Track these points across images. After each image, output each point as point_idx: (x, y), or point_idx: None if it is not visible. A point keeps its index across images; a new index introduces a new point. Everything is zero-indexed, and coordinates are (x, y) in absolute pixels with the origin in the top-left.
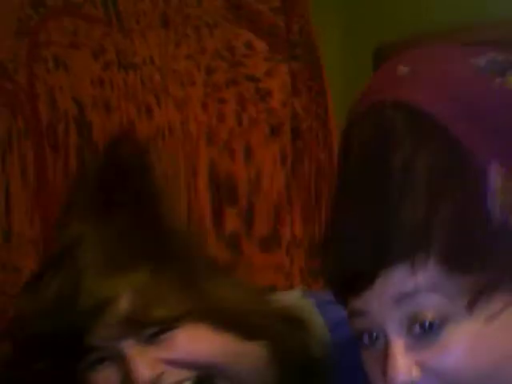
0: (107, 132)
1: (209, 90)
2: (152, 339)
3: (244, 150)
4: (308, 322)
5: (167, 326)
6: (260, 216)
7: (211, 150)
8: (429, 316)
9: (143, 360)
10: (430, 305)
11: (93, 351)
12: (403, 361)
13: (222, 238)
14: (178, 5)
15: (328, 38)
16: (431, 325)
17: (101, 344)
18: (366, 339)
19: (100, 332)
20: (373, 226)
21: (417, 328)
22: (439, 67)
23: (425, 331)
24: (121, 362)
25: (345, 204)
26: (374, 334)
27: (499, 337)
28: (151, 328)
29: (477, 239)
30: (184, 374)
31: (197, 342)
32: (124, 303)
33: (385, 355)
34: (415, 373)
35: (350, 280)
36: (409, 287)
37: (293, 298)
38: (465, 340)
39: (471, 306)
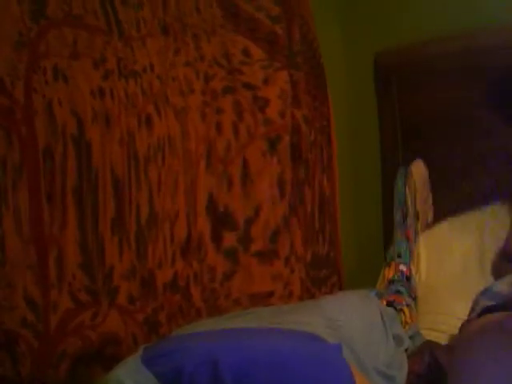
0: (107, 152)
1: (207, 99)
2: None
3: (241, 178)
4: None
5: None
6: (257, 241)
7: (210, 178)
8: None
9: None
10: None
11: None
12: None
13: (221, 252)
14: (176, 13)
15: (329, 45)
16: None
17: None
18: None
19: None
20: None
21: None
22: None
23: None
24: None
25: None
26: None
27: None
28: None
29: None
30: None
31: None
32: None
33: None
34: None
35: None
36: None
37: None
38: None
39: None
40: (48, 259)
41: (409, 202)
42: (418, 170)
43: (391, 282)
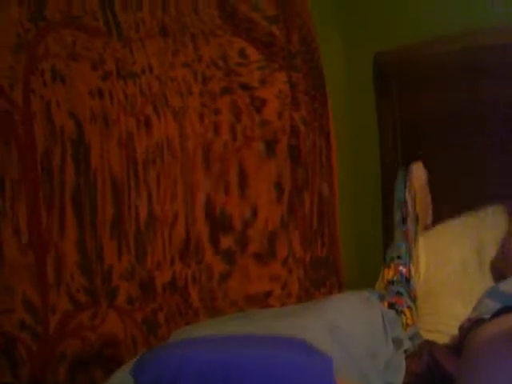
0: (105, 155)
1: (205, 100)
2: None
3: (238, 182)
4: None
5: None
6: (254, 245)
7: (207, 181)
8: None
9: None
10: None
11: None
12: None
13: (218, 253)
14: (175, 14)
15: (329, 46)
16: None
17: None
18: None
19: None
20: None
21: None
22: None
23: None
24: None
25: None
26: None
27: None
28: None
29: None
30: None
31: None
32: None
33: None
34: None
35: None
36: None
37: None
38: None
39: None
40: (46, 260)
41: (409, 204)
42: (418, 171)
43: (390, 282)
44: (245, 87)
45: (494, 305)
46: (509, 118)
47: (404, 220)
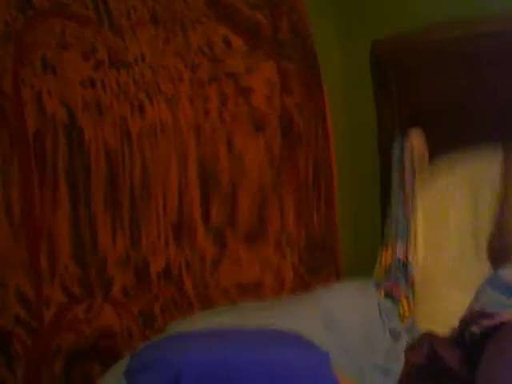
0: (99, 133)
1: (195, 87)
2: None
3: (227, 145)
4: None
5: None
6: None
7: (199, 149)
8: None
9: None
10: None
11: None
12: None
13: (209, 232)
14: (165, 1)
15: (324, 34)
16: None
17: None
18: None
19: None
20: None
21: None
22: None
23: None
24: None
25: None
26: None
27: None
28: None
29: None
30: None
31: None
32: None
33: None
34: None
35: None
36: None
37: None
38: None
39: None
40: (39, 249)
41: (406, 161)
42: (416, 133)
43: (388, 269)
44: (230, 75)
45: (498, 297)
46: (507, 105)
47: (402, 177)
